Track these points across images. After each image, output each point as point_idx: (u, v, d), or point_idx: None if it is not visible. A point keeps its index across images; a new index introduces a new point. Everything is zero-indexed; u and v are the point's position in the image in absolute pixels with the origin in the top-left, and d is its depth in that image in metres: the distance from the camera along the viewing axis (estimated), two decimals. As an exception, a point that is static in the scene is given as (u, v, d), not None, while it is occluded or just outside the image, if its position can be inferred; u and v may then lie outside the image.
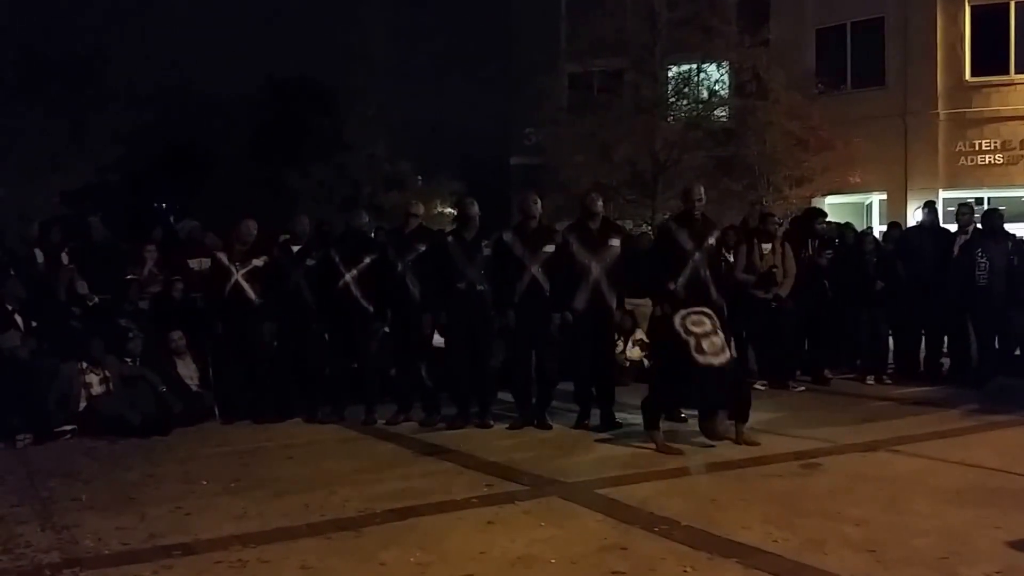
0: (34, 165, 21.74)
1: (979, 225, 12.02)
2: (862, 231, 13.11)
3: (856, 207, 23.41)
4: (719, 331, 8.13)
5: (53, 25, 22.42)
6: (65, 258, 11.09)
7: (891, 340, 12.54)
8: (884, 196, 22.69)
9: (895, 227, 13.18)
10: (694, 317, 8.12)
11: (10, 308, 9.66)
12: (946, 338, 12.26)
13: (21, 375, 9.12)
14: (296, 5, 33.74)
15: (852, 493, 6.60)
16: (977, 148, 21.81)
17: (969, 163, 21.89)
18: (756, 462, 7.61)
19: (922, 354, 12.51)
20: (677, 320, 8.13)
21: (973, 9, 21.80)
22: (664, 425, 8.38)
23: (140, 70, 25.34)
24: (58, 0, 22.56)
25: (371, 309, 9.74)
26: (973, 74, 21.86)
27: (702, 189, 9.72)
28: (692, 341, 7.94)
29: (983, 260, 11.44)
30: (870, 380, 11.90)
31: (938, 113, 22.01)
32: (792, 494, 6.62)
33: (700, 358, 7.88)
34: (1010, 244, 11.72)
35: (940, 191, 21.38)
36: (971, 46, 21.80)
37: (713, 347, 7.94)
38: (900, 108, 22.23)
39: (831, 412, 10.02)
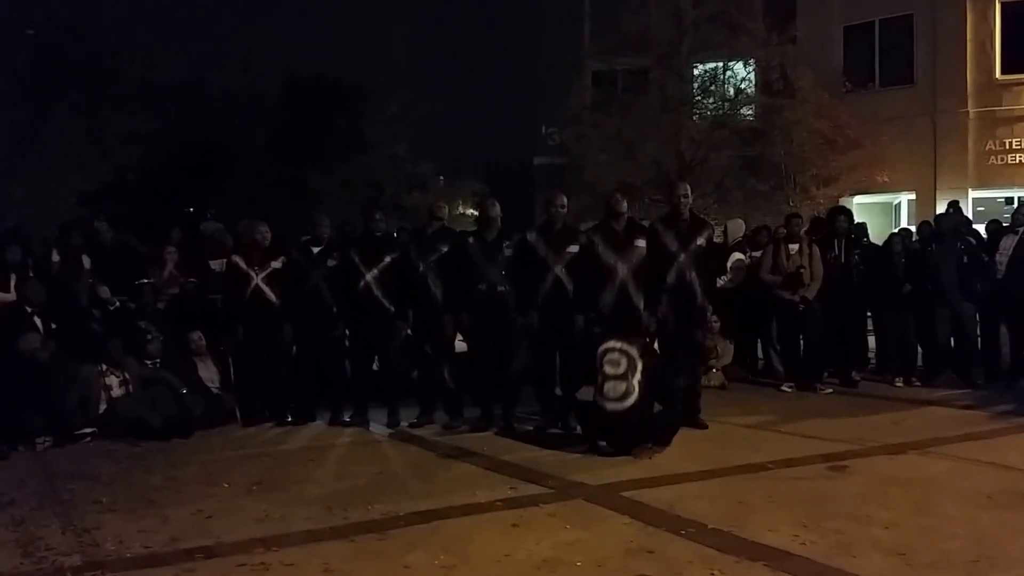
0: (53, 165, 21.90)
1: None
2: (891, 233, 12.95)
3: (884, 207, 23.25)
4: (630, 375, 8.00)
5: (72, 26, 22.59)
6: (86, 261, 11.11)
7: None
8: (913, 196, 22.50)
9: (906, 233, 12.95)
10: (613, 356, 8.09)
11: (29, 310, 9.67)
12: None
13: (41, 378, 9.11)
14: (317, 4, 33.84)
15: (881, 496, 6.53)
16: (1008, 147, 21.59)
17: (999, 162, 21.67)
18: (784, 464, 7.53)
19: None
20: (599, 351, 8.14)
21: (1003, 6, 21.58)
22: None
23: (159, 70, 25.48)
24: (77, 1, 22.72)
25: (392, 309, 9.69)
26: (1003, 72, 21.65)
27: (687, 187, 9.62)
28: (600, 380, 8.02)
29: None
30: (898, 382, 11.78)
31: (968, 112, 21.82)
32: (820, 497, 6.54)
33: (601, 400, 8.00)
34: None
35: (970, 190, 21.21)
36: (1001, 43, 21.59)
37: (615, 392, 7.95)
38: (929, 107, 22.04)
39: (859, 414, 9.90)
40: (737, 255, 12.34)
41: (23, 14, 21.88)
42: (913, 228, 14.82)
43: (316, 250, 9.93)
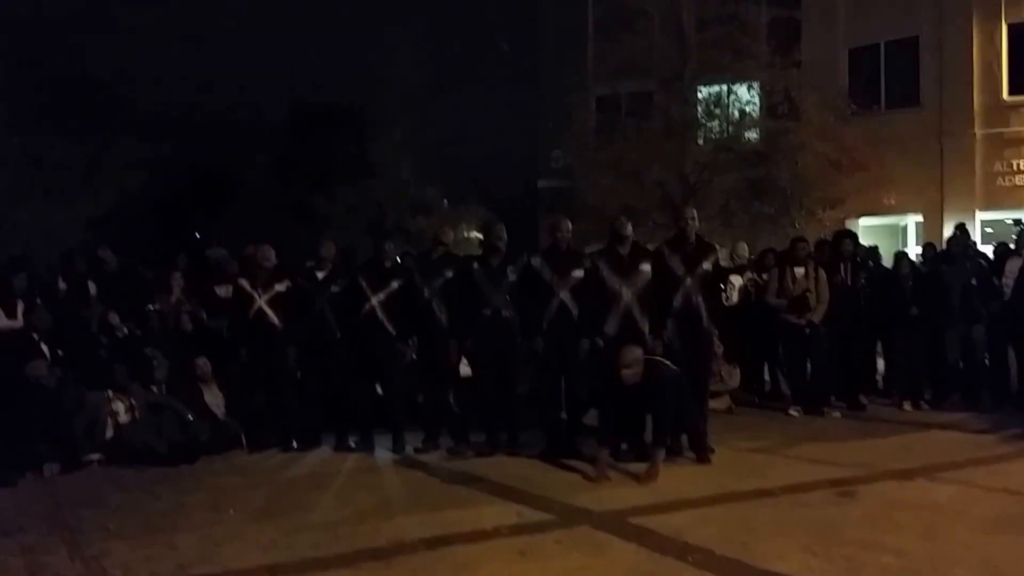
0: (59, 191, 21.98)
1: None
2: (896, 256, 12.91)
3: (891, 229, 23.16)
4: None
5: (78, 51, 22.71)
6: (92, 288, 11.14)
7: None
8: (920, 218, 22.42)
9: (904, 257, 12.88)
10: None
11: (36, 337, 9.71)
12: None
13: (48, 404, 9.12)
14: (322, 30, 34.00)
15: (890, 521, 6.50)
16: (1015, 168, 21.47)
17: (1007, 184, 21.55)
18: (791, 490, 7.50)
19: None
20: None
21: (1010, 27, 21.49)
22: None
23: (165, 96, 25.54)
24: (83, 26, 22.84)
25: (395, 334, 9.68)
26: (1011, 93, 21.53)
27: (694, 211, 9.61)
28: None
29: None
30: (907, 406, 11.74)
31: (975, 133, 21.71)
32: (829, 522, 6.51)
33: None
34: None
35: (977, 212, 21.12)
36: (1008, 64, 21.47)
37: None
38: (936, 128, 21.96)
39: (867, 438, 9.89)
40: (736, 278, 12.37)
41: (30, 42, 21.99)
42: (911, 252, 14.83)
43: (321, 275, 9.96)
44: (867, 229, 21.65)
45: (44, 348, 9.66)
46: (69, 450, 9.09)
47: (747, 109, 22.24)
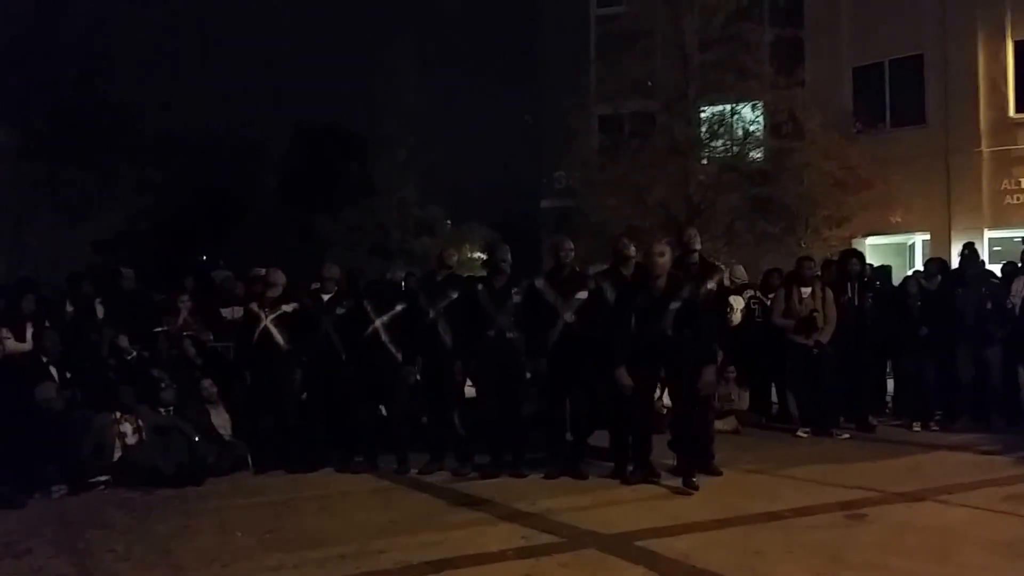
0: (66, 214, 22.06)
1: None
2: (906, 276, 12.88)
3: (898, 248, 23.12)
4: None
5: (85, 75, 22.84)
6: (100, 310, 11.16)
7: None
8: (927, 236, 22.35)
9: (912, 279, 12.85)
10: None
11: (45, 360, 9.73)
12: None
13: (56, 426, 9.13)
14: (326, 52, 34.23)
15: (900, 544, 6.46)
16: (1022, 186, 21.45)
17: (1015, 201, 21.46)
18: (801, 512, 7.46)
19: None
20: None
21: (1016, 44, 21.46)
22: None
23: (171, 119, 25.70)
24: (90, 51, 22.97)
25: (399, 357, 9.68)
26: (1017, 110, 21.45)
27: (695, 233, 9.61)
28: None
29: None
30: (916, 427, 11.68)
31: (981, 151, 21.65)
32: (838, 546, 6.47)
33: None
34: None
35: (985, 230, 21.05)
36: (1014, 81, 21.43)
37: None
38: (942, 146, 21.90)
39: (876, 460, 9.83)
40: (738, 299, 12.35)
41: (38, 66, 22.13)
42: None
43: (326, 297, 9.98)
44: (874, 248, 21.62)
45: (53, 371, 9.70)
46: (77, 472, 9.09)
47: (751, 129, 22.21)
